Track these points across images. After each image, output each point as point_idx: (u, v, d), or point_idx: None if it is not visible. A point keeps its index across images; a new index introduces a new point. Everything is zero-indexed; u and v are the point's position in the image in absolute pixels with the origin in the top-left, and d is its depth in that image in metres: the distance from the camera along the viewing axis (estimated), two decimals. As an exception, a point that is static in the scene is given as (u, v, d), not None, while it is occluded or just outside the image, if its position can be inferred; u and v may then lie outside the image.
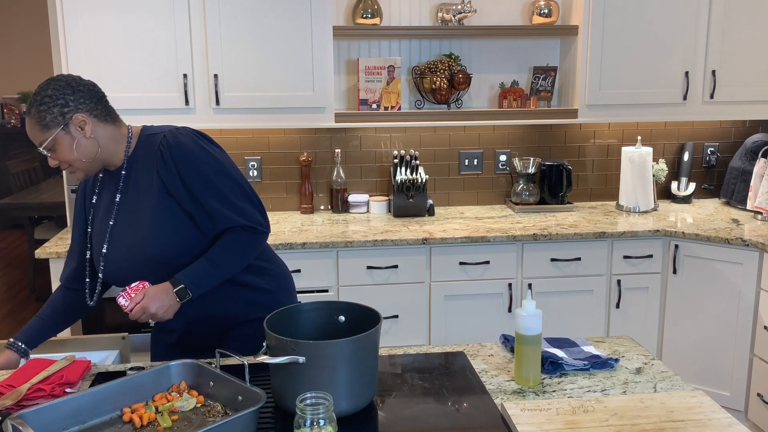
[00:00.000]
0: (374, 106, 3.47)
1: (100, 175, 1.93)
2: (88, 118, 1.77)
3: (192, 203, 1.84)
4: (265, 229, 1.92)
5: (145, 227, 1.83)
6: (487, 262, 3.21)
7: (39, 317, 1.95)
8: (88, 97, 1.78)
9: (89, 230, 1.93)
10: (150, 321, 1.82)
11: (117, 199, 1.87)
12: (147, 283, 1.83)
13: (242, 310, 1.97)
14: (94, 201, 1.93)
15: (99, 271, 1.90)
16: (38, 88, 1.76)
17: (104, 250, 1.88)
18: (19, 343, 1.88)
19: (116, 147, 1.85)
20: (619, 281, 3.30)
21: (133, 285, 1.82)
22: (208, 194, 1.83)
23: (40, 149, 1.77)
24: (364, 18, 3.41)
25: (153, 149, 1.85)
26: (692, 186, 3.83)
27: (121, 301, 1.80)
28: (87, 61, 3.12)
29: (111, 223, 1.87)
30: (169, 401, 1.56)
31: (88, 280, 1.95)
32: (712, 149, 3.91)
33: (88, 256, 1.94)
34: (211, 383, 1.59)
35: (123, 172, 1.87)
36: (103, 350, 2.09)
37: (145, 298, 1.78)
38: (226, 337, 1.98)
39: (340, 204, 3.64)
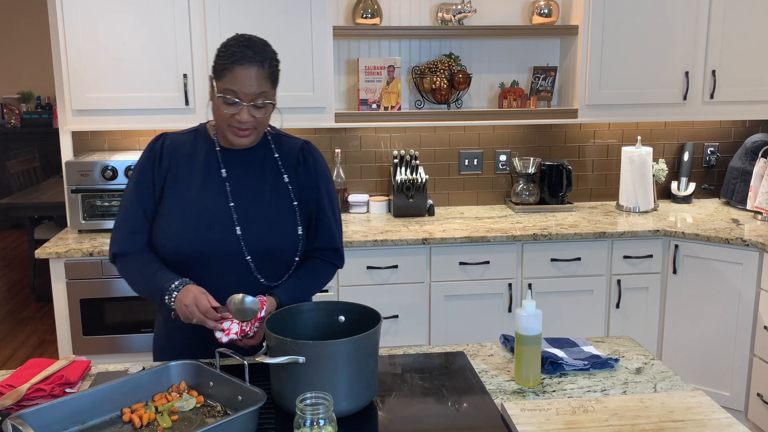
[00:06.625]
0: (374, 106, 3.47)
1: (217, 148, 1.87)
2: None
3: (316, 211, 1.91)
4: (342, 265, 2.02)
5: (273, 217, 1.84)
6: (487, 262, 3.21)
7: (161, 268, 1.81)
8: None
9: (231, 204, 1.83)
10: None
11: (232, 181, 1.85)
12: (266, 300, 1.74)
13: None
14: (224, 174, 1.85)
15: (245, 252, 1.81)
16: (260, 43, 1.78)
17: (238, 231, 1.81)
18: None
19: None
20: (619, 281, 3.30)
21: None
22: (329, 209, 1.94)
23: (248, 102, 1.74)
24: (364, 18, 3.41)
25: (290, 149, 1.91)
26: (692, 186, 3.83)
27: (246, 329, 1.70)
28: (87, 61, 3.12)
29: (231, 204, 1.83)
30: (169, 401, 1.56)
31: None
32: (712, 149, 3.91)
33: (187, 242, 1.81)
34: (211, 383, 1.59)
35: (258, 155, 1.88)
36: None
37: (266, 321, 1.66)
38: None
39: (339, 204, 3.63)
